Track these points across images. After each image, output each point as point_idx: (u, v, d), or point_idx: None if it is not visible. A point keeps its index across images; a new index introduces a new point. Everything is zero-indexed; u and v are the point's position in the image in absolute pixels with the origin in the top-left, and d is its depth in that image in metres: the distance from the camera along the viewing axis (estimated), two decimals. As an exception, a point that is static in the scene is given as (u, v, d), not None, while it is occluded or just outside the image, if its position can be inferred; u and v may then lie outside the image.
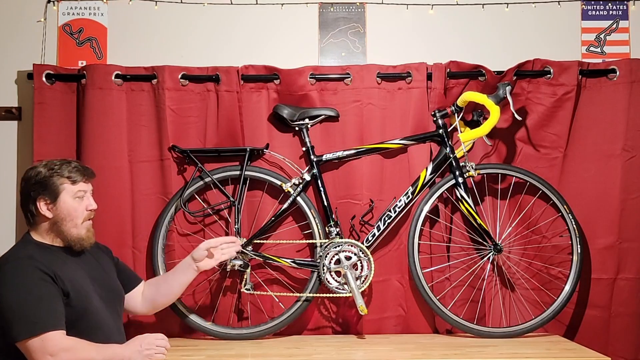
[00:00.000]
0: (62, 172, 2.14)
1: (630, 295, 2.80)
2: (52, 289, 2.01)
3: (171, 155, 2.79)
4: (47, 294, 2.00)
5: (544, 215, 2.82)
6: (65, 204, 2.13)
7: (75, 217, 2.14)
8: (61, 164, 2.17)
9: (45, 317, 1.96)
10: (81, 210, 2.16)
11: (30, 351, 1.94)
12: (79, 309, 2.07)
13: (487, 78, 2.82)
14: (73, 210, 2.14)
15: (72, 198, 2.14)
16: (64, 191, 2.13)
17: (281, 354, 2.45)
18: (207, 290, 2.81)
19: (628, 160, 2.82)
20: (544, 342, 2.62)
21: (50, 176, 2.13)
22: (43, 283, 2.00)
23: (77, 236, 2.15)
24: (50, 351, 1.93)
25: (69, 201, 2.14)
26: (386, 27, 3.01)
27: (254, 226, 2.79)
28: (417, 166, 2.80)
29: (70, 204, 2.13)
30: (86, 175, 2.18)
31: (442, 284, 2.81)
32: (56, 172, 2.14)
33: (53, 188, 2.12)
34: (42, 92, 2.77)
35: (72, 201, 2.14)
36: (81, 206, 2.16)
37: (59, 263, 2.10)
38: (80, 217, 2.15)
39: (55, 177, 2.13)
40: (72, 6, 2.97)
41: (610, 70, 2.84)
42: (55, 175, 2.13)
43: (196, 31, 2.98)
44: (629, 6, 3.04)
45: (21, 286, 1.99)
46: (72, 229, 2.14)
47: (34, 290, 1.98)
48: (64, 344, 1.96)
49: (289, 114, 2.76)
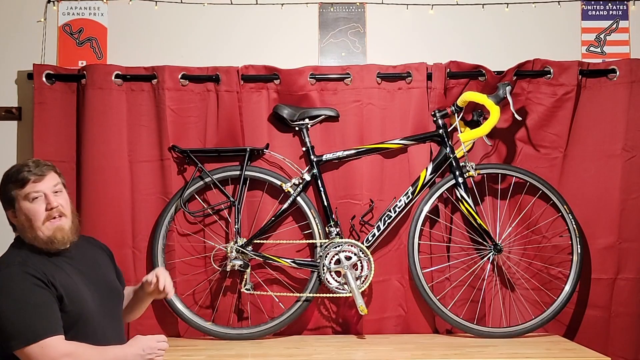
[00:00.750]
0: (12, 177, 2.06)
1: (630, 295, 2.80)
2: (47, 294, 1.97)
3: (171, 155, 2.79)
4: (43, 300, 1.96)
5: (544, 215, 2.82)
6: (22, 209, 2.04)
7: (35, 220, 2.04)
8: (16, 169, 2.08)
9: (42, 323, 1.93)
10: (41, 211, 2.04)
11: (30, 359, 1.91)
12: (74, 314, 2.03)
13: (487, 78, 2.82)
14: (31, 213, 2.04)
15: (27, 202, 2.04)
16: (18, 197, 2.04)
17: (281, 354, 2.45)
18: (207, 290, 2.81)
19: (628, 160, 2.82)
20: (544, 342, 2.62)
21: (5, 185, 2.07)
22: (38, 289, 1.96)
23: (45, 238, 2.05)
24: (50, 357, 1.90)
25: (25, 205, 2.04)
26: (386, 27, 3.01)
27: (254, 226, 2.79)
28: (417, 166, 2.80)
29: (26, 208, 2.04)
30: (37, 174, 2.06)
31: (442, 284, 2.81)
32: (9, 180, 2.07)
33: (8, 197, 2.06)
34: (42, 92, 2.77)
35: (27, 205, 2.04)
36: (40, 207, 2.05)
37: (52, 267, 2.04)
38: (40, 219, 2.04)
39: (8, 186, 2.06)
40: (72, 6, 2.97)
41: (610, 70, 2.84)
42: (9, 184, 2.06)
43: (196, 31, 2.98)
44: (629, 6, 3.04)
45: (16, 294, 1.94)
46: (37, 232, 2.04)
47: (30, 297, 1.94)
48: (65, 349, 1.93)
49: (289, 114, 2.76)
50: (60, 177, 2.13)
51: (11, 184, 2.05)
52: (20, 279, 1.97)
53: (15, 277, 1.97)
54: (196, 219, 2.80)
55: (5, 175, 2.08)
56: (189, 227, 2.81)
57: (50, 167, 2.11)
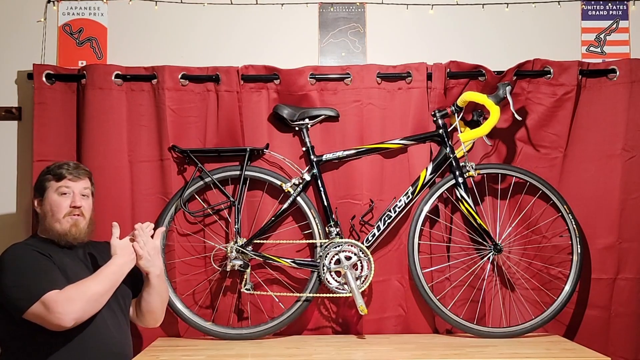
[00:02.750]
0: (52, 170, 2.29)
1: (630, 295, 2.80)
2: (45, 261, 2.13)
3: (171, 155, 2.79)
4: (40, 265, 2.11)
5: (544, 215, 2.82)
6: (49, 199, 2.26)
7: (57, 212, 2.24)
8: (57, 164, 2.31)
9: (38, 283, 2.05)
10: (65, 205, 2.25)
11: (39, 319, 2.03)
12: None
13: (487, 78, 2.82)
14: (55, 205, 2.25)
15: (56, 194, 2.26)
16: (49, 188, 2.27)
17: (281, 354, 2.45)
18: (207, 290, 2.81)
19: (628, 160, 2.82)
20: (544, 342, 2.62)
21: (43, 175, 2.30)
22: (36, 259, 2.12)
23: (60, 231, 2.24)
24: (54, 309, 2.02)
25: (53, 197, 2.26)
26: (386, 27, 3.01)
27: (254, 226, 2.79)
28: (417, 166, 2.80)
29: (53, 199, 2.25)
30: (74, 174, 2.29)
31: (442, 284, 2.81)
32: (48, 172, 2.29)
33: (41, 186, 2.29)
34: (42, 92, 2.77)
35: (55, 197, 2.26)
36: (65, 202, 2.26)
37: (58, 255, 2.20)
38: (62, 212, 2.25)
39: (47, 176, 2.29)
40: (72, 6, 2.97)
41: (610, 70, 2.84)
42: (47, 174, 2.29)
43: (196, 31, 2.98)
44: (629, 6, 3.04)
45: (17, 267, 2.10)
46: (55, 223, 2.24)
47: (29, 265, 2.10)
48: (65, 295, 2.04)
49: (289, 114, 2.76)
50: (92, 185, 2.38)
51: (49, 175, 2.29)
52: (22, 253, 2.16)
53: (18, 252, 2.17)
54: (196, 219, 2.80)
55: (45, 168, 2.33)
56: (189, 227, 2.81)
57: (87, 172, 2.37)
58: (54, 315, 2.01)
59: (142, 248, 2.28)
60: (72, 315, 2.03)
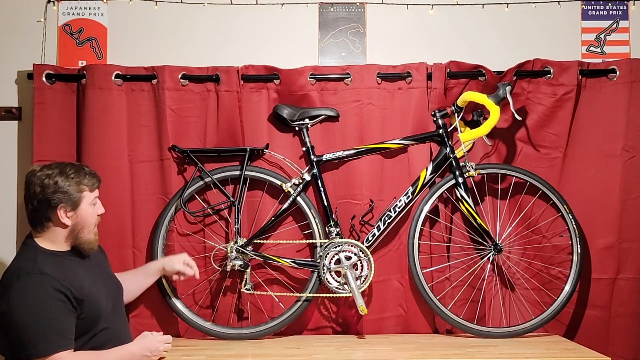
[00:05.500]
0: (80, 179, 2.17)
1: (630, 295, 2.80)
2: (62, 306, 2.04)
3: (171, 155, 2.79)
4: (57, 313, 2.03)
5: (544, 215, 2.82)
6: (85, 211, 2.18)
7: (90, 224, 2.21)
8: (76, 170, 2.19)
9: (54, 338, 2.00)
10: (95, 215, 2.22)
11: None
12: (91, 318, 2.12)
13: (487, 78, 2.82)
14: (90, 217, 2.20)
15: (90, 205, 2.20)
16: (84, 199, 2.18)
17: (281, 354, 2.45)
18: (207, 290, 2.81)
19: (628, 160, 2.82)
20: (544, 342, 2.63)
21: (70, 185, 2.15)
22: (54, 301, 2.03)
23: (89, 241, 2.21)
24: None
25: (87, 209, 2.19)
26: (386, 27, 3.01)
27: (254, 226, 2.79)
28: (417, 166, 2.80)
29: (88, 211, 2.19)
30: (99, 181, 2.25)
31: (442, 284, 2.81)
32: (75, 180, 2.16)
33: (75, 197, 2.15)
34: (42, 92, 2.77)
35: (89, 208, 2.20)
36: (95, 212, 2.23)
37: (70, 272, 2.12)
38: (94, 222, 2.22)
39: (75, 186, 2.16)
40: (72, 6, 2.97)
41: (610, 70, 2.84)
42: (75, 184, 2.16)
43: (196, 31, 2.98)
44: (629, 6, 3.04)
45: (33, 306, 2.01)
46: (88, 235, 2.20)
47: (45, 309, 2.01)
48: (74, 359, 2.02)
49: (289, 114, 2.76)
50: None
51: (81, 185, 2.16)
52: (39, 289, 2.03)
53: (35, 287, 2.03)
54: (196, 219, 2.80)
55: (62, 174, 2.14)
56: (189, 227, 2.81)
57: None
58: None
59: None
60: None
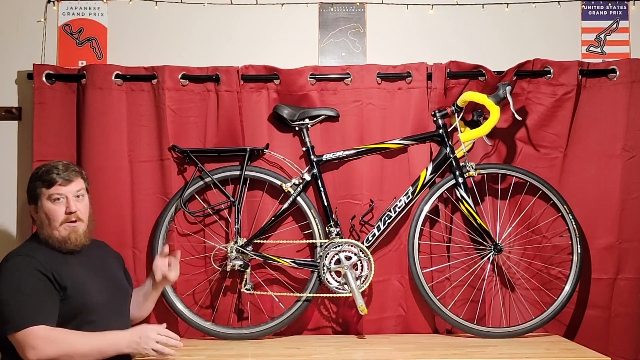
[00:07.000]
0: (41, 176, 2.20)
1: (630, 295, 2.80)
2: (42, 284, 2.07)
3: (171, 155, 2.79)
4: (36, 289, 2.06)
5: (544, 215, 2.82)
6: (43, 208, 2.19)
7: (54, 220, 2.18)
8: (47, 168, 2.22)
9: (29, 313, 2.03)
10: (60, 212, 2.18)
11: (16, 345, 2.03)
12: (77, 303, 2.12)
13: (487, 78, 2.82)
14: (51, 213, 2.18)
15: (49, 202, 2.19)
16: (41, 195, 2.19)
17: (281, 354, 2.45)
18: (207, 290, 2.81)
19: (628, 160, 2.82)
20: (544, 342, 2.62)
21: (33, 182, 2.22)
22: (35, 279, 2.07)
23: (59, 237, 2.19)
24: (31, 344, 2.00)
25: (47, 205, 2.19)
26: (386, 27, 3.01)
27: (254, 226, 2.79)
28: (417, 166, 2.80)
29: (47, 207, 2.18)
30: (64, 178, 2.20)
31: (442, 284, 2.81)
32: (37, 178, 2.21)
33: (34, 193, 2.21)
34: (42, 92, 2.77)
35: (49, 205, 2.18)
36: (60, 209, 2.19)
37: (58, 260, 2.16)
38: (58, 220, 2.18)
39: (36, 183, 2.20)
40: (72, 6, 2.97)
41: (610, 70, 2.84)
42: (36, 181, 2.21)
43: (196, 31, 2.98)
44: (629, 6, 3.04)
45: (15, 283, 2.07)
46: (54, 231, 2.18)
47: (25, 286, 2.06)
48: (46, 336, 2.02)
49: (289, 114, 2.76)
50: (85, 183, 2.30)
51: (39, 182, 2.20)
52: (22, 268, 2.09)
53: (18, 266, 2.10)
54: (196, 219, 2.80)
55: (34, 173, 2.25)
56: (189, 227, 2.81)
57: (78, 172, 2.27)
58: (27, 348, 1.99)
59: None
60: (41, 356, 1.99)
